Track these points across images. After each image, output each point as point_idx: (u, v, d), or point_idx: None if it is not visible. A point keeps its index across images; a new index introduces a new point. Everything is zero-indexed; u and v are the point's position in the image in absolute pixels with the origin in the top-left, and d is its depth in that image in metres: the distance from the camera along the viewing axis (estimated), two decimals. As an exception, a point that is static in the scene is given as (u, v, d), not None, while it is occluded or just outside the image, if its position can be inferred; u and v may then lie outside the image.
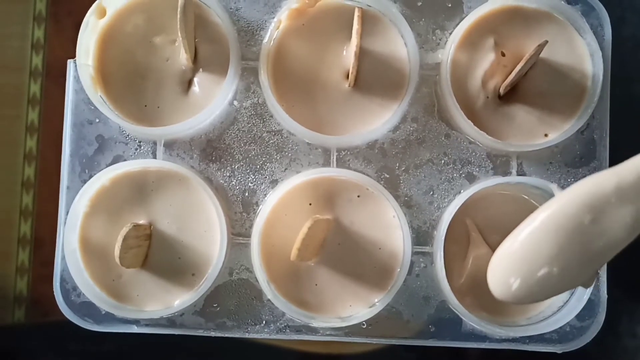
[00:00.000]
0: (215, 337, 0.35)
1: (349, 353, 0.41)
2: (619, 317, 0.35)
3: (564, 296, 0.35)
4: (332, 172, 0.35)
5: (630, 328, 0.41)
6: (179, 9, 0.32)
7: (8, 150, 0.43)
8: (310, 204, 0.35)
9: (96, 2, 0.35)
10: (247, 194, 0.36)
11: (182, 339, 0.41)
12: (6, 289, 0.42)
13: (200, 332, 0.35)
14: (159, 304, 0.35)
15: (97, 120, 0.36)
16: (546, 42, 0.32)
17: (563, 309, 0.34)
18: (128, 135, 0.36)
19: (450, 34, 0.36)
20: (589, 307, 0.34)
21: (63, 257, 0.35)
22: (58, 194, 0.41)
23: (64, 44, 0.43)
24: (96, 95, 0.35)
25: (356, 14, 0.32)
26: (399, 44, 0.35)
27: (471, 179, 0.36)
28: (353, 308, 0.35)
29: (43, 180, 0.43)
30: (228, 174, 0.36)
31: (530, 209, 0.32)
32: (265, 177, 0.36)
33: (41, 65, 0.43)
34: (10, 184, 0.42)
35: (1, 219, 0.42)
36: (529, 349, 0.35)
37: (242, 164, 0.36)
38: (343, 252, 0.35)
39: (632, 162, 0.26)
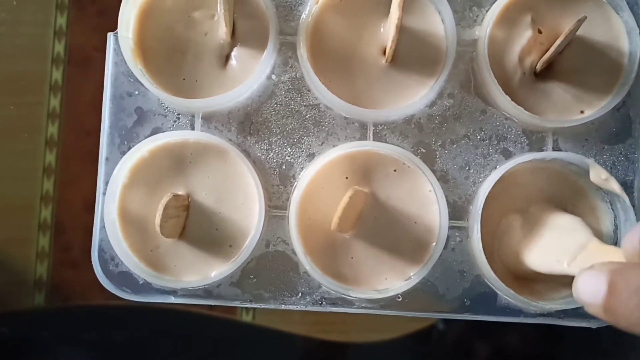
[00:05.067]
0: (226, 327, 0.35)
1: (357, 342, 0.41)
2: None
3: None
4: (369, 145, 0.35)
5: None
6: (222, -19, 0.32)
7: (30, 136, 0.43)
8: (346, 178, 0.35)
9: (138, -24, 0.35)
10: (284, 167, 0.36)
11: (195, 329, 0.41)
12: (26, 274, 0.42)
13: (236, 303, 0.35)
14: (197, 274, 0.35)
15: (137, 92, 0.36)
16: (585, 17, 0.33)
17: (598, 284, 0.34)
18: (167, 107, 0.36)
19: (487, 10, 0.36)
20: (624, 283, 0.34)
21: (102, 227, 0.35)
22: (78, 180, 0.42)
23: (86, 31, 0.43)
24: (136, 68, 0.35)
25: (398, -14, 0.32)
26: (437, 20, 0.36)
27: (507, 154, 0.36)
28: (389, 281, 0.35)
29: (64, 166, 0.43)
30: (265, 147, 0.36)
31: (565, 180, 0.33)
32: (303, 151, 0.36)
33: (63, 52, 0.44)
34: (32, 170, 0.43)
35: (22, 204, 0.42)
36: (564, 324, 0.35)
37: (279, 137, 0.36)
38: (379, 225, 0.35)
39: None
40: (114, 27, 0.35)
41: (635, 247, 0.22)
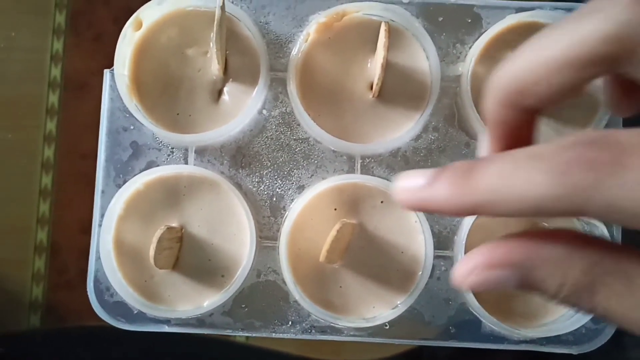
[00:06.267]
0: (221, 347, 0.36)
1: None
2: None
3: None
4: (357, 178, 0.37)
5: (635, 340, 0.42)
6: (215, 22, 0.33)
7: (26, 159, 0.44)
8: (335, 209, 0.36)
9: (133, 15, 0.36)
10: (275, 199, 0.37)
11: (191, 350, 0.42)
12: (22, 295, 0.43)
13: (228, 332, 0.36)
14: (190, 304, 0.36)
15: (132, 127, 0.37)
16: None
17: (579, 312, 0.36)
18: (161, 142, 0.37)
19: (470, 47, 0.38)
20: (604, 310, 0.35)
21: (98, 258, 0.36)
22: (74, 202, 0.42)
23: (82, 56, 0.45)
24: (131, 103, 0.36)
25: (383, 28, 0.34)
26: (421, 57, 0.37)
27: (490, 186, 0.37)
28: (376, 309, 0.36)
29: (60, 188, 0.44)
30: (257, 180, 0.37)
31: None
32: (293, 183, 0.37)
33: (60, 76, 0.45)
34: (28, 192, 0.43)
35: (18, 226, 0.43)
36: (546, 350, 0.36)
37: (270, 170, 0.37)
38: (367, 255, 0.36)
39: None
40: (109, 52, 0.36)
41: None
